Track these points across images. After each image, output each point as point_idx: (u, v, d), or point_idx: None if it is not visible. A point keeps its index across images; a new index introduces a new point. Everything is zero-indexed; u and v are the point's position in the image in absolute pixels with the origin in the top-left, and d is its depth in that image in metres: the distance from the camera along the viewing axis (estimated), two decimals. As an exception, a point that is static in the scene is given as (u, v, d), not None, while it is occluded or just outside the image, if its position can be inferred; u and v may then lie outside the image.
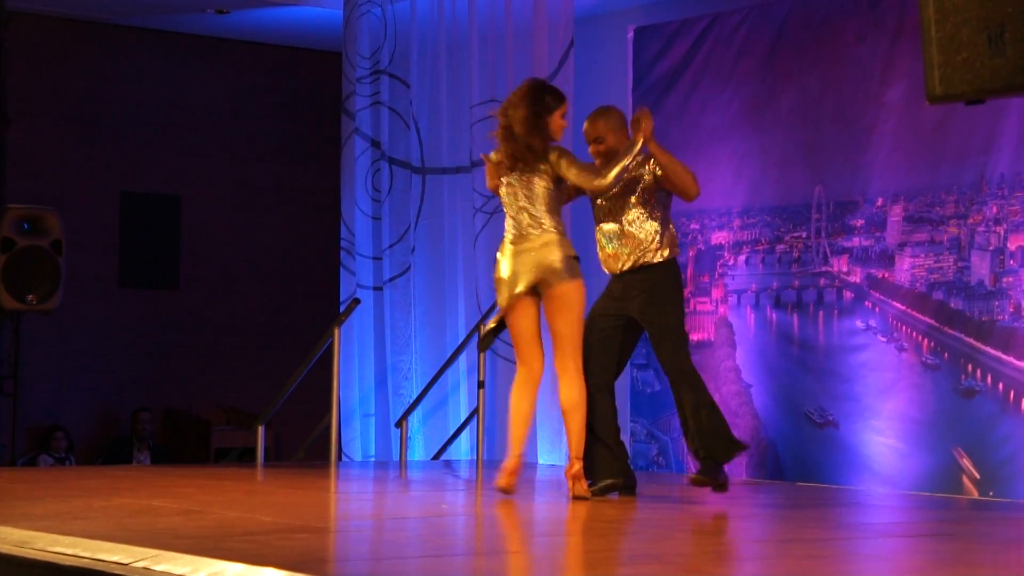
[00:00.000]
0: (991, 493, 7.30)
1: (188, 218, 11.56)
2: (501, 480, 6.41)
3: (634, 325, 6.66)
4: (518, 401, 6.49)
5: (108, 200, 11.27)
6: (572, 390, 6.39)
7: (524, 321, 6.46)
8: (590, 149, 6.67)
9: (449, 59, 9.84)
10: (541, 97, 6.42)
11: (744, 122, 8.58)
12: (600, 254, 6.72)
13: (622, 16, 9.46)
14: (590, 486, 6.44)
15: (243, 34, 11.50)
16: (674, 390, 6.58)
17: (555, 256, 6.35)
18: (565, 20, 9.23)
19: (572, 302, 6.39)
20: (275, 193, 11.85)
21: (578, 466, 6.36)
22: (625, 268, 6.61)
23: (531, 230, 6.40)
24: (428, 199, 9.91)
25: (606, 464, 6.55)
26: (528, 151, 6.39)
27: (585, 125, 6.71)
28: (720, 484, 6.56)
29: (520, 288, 6.38)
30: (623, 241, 6.61)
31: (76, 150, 11.15)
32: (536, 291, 6.41)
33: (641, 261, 6.58)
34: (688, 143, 8.64)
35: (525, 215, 6.41)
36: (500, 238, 6.55)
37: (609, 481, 6.54)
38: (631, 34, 9.23)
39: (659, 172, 6.57)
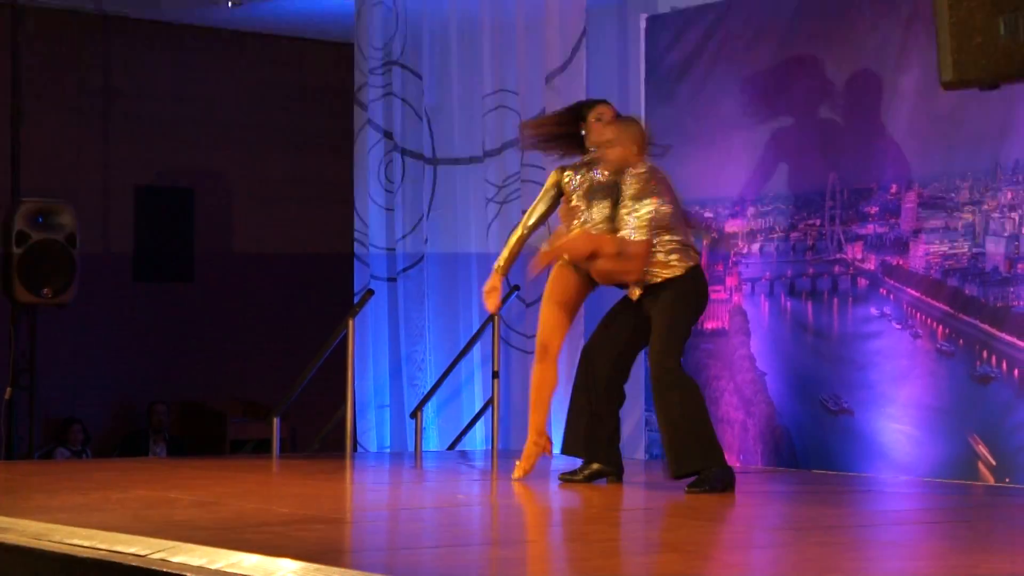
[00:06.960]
0: (1007, 480, 7.29)
1: (202, 211, 11.57)
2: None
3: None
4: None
5: (122, 194, 11.29)
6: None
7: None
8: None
9: (460, 49, 9.82)
10: None
11: (757, 110, 8.56)
12: None
13: (634, 5, 9.43)
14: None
15: (256, 26, 11.50)
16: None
17: None
18: (577, 9, 9.20)
19: None
20: (288, 185, 11.86)
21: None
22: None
23: None
24: (440, 189, 9.90)
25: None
26: None
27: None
28: (722, 486, 6.39)
29: None
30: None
31: (90, 144, 11.16)
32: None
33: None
34: (702, 132, 8.63)
35: None
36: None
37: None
38: (644, 23, 9.21)
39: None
